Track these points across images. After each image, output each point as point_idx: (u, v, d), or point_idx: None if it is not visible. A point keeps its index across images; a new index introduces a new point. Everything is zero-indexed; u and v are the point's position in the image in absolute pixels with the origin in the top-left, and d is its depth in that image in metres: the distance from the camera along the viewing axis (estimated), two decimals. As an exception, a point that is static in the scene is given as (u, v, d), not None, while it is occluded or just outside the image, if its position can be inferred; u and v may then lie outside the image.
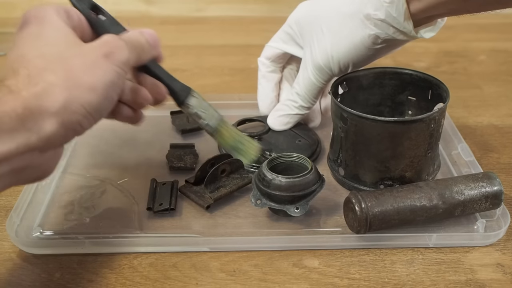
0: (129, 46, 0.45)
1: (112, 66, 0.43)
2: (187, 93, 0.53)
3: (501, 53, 0.97)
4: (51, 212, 0.56)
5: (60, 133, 0.40)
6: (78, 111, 0.41)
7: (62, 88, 0.40)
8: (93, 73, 0.42)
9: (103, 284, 0.49)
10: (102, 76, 0.42)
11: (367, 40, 0.56)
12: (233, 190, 0.58)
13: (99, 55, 0.43)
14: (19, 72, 0.40)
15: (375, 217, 0.51)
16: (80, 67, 0.42)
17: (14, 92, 0.39)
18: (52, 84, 0.40)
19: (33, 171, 0.42)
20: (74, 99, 0.41)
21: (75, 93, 0.41)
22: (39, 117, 0.39)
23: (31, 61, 0.41)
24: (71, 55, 0.42)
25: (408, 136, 0.55)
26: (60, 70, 0.41)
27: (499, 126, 0.73)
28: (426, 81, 0.62)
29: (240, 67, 0.90)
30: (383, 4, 0.54)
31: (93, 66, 0.42)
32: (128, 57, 0.45)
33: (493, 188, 0.54)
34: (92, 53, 0.43)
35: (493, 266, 0.51)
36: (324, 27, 0.59)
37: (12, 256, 0.52)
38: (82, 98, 0.41)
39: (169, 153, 0.65)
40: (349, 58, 0.58)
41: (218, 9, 1.15)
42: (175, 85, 0.53)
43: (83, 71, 0.41)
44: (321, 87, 0.62)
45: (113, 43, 0.44)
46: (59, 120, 0.40)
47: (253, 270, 0.50)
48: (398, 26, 0.54)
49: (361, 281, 0.49)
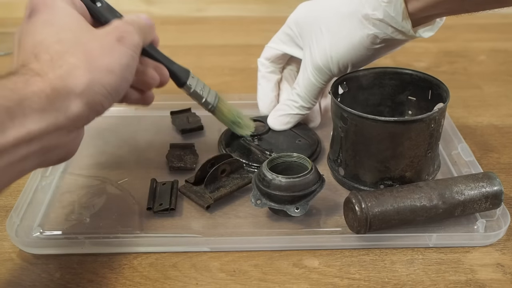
0: (137, 29, 0.48)
1: (126, 49, 0.45)
2: (187, 74, 0.56)
3: (501, 53, 0.96)
4: (51, 212, 0.56)
5: (85, 113, 0.43)
6: (100, 92, 0.43)
7: (84, 70, 0.42)
8: (110, 56, 0.44)
9: (103, 284, 0.49)
10: (119, 58, 0.44)
11: (366, 40, 0.56)
12: (233, 190, 0.58)
13: (113, 39, 0.45)
14: (41, 57, 0.42)
15: (375, 217, 0.51)
16: (98, 50, 0.44)
17: (40, 75, 0.41)
18: (75, 66, 0.42)
19: (59, 151, 0.44)
20: (96, 80, 0.43)
21: (96, 74, 0.43)
22: (66, 97, 0.41)
23: (51, 46, 0.43)
24: (87, 40, 0.44)
25: (408, 136, 0.55)
26: (80, 53, 0.43)
27: (499, 126, 0.73)
28: (426, 81, 0.62)
29: (240, 67, 0.90)
30: (381, 4, 0.54)
31: (110, 49, 0.44)
32: (138, 40, 0.47)
33: (493, 188, 0.54)
34: (106, 38, 0.45)
35: (493, 266, 0.51)
36: (323, 28, 0.59)
37: (12, 256, 0.52)
38: (103, 79, 0.43)
39: (169, 153, 0.65)
40: (348, 58, 0.58)
41: (218, 9, 1.15)
42: (175, 67, 0.55)
43: (101, 54, 0.44)
44: (321, 87, 0.62)
45: (123, 28, 0.46)
46: (83, 100, 0.42)
47: (253, 270, 0.50)
48: (396, 25, 0.54)
49: (361, 281, 0.49)
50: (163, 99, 0.73)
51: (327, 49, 0.59)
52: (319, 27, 0.59)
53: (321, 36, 0.59)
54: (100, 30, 0.46)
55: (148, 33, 0.50)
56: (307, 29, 0.61)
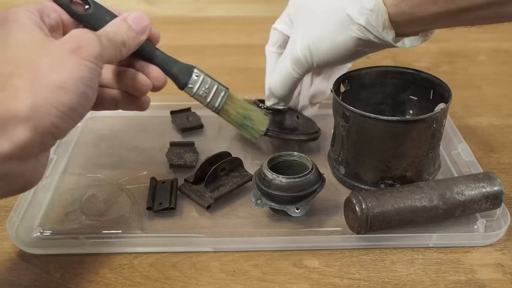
0: (104, 38, 0.44)
1: (81, 60, 0.41)
2: (188, 74, 0.52)
3: (501, 53, 0.97)
4: (51, 212, 0.56)
5: (35, 138, 0.39)
6: (50, 113, 0.39)
7: (28, 91, 0.38)
8: (60, 70, 0.40)
9: (103, 284, 0.49)
10: (71, 72, 0.40)
11: (349, 41, 0.55)
12: (233, 189, 0.58)
13: (66, 52, 0.41)
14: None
15: (376, 217, 0.51)
16: (47, 66, 0.40)
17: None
18: (18, 88, 0.38)
19: (15, 180, 0.40)
20: (43, 101, 0.38)
21: (42, 94, 0.39)
22: (9, 124, 0.37)
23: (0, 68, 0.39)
24: (38, 56, 0.40)
25: (410, 135, 0.54)
26: (26, 72, 0.39)
27: (499, 126, 0.73)
28: (428, 81, 0.62)
29: (240, 67, 0.90)
30: (365, 11, 0.52)
31: (60, 63, 0.40)
32: (100, 51, 0.42)
33: (494, 188, 0.53)
34: (59, 51, 0.41)
35: (493, 266, 0.51)
36: (310, 20, 0.57)
37: (12, 256, 0.52)
38: (51, 99, 0.39)
39: (169, 151, 0.65)
40: (329, 55, 0.57)
41: (219, 9, 1.15)
42: (172, 68, 0.51)
43: (49, 70, 0.39)
44: (297, 78, 0.60)
45: (81, 37, 0.42)
46: (31, 125, 0.38)
47: (253, 270, 0.50)
48: (377, 34, 0.53)
49: (361, 281, 0.49)
50: (163, 99, 0.73)
51: (310, 43, 0.57)
52: (307, 18, 0.58)
53: (306, 28, 0.58)
54: (55, 42, 0.42)
55: (131, 38, 0.47)
56: (297, 16, 0.60)
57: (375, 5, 0.51)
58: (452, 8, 0.49)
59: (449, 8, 0.49)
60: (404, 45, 0.55)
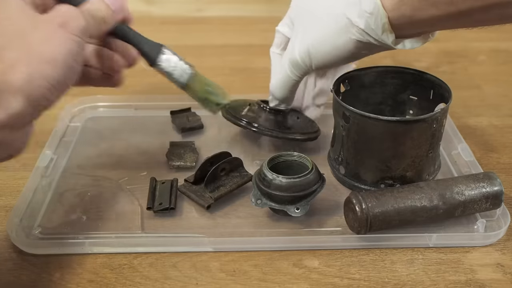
0: (86, 14, 0.46)
1: (69, 35, 0.43)
2: (157, 52, 0.54)
3: (501, 53, 0.96)
4: (51, 212, 0.56)
5: (27, 109, 0.40)
6: (42, 85, 0.41)
7: (24, 63, 0.40)
8: (51, 44, 0.42)
9: (103, 284, 0.49)
10: (60, 46, 0.42)
11: (349, 44, 0.54)
12: (233, 189, 0.58)
13: (54, 26, 0.43)
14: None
15: (376, 217, 0.51)
16: (38, 40, 0.41)
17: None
18: (14, 60, 0.40)
19: (5, 148, 0.42)
20: (36, 73, 0.40)
21: (36, 66, 0.41)
22: (5, 93, 0.39)
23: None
24: (28, 30, 0.42)
25: (410, 135, 0.54)
26: (20, 45, 0.41)
27: (499, 126, 0.73)
28: (429, 81, 0.62)
29: (240, 67, 0.89)
30: (364, 14, 0.52)
31: (50, 37, 0.42)
32: (85, 25, 0.45)
33: (494, 188, 0.53)
34: (47, 25, 0.43)
35: (493, 266, 0.51)
36: (309, 22, 0.57)
37: (12, 256, 0.52)
38: (43, 71, 0.41)
39: (169, 151, 0.65)
40: (328, 58, 0.57)
41: (218, 9, 1.15)
42: (144, 46, 0.54)
43: (41, 44, 0.41)
44: (295, 80, 0.61)
45: (67, 13, 0.44)
46: (24, 95, 0.40)
47: (253, 270, 0.50)
48: (376, 37, 0.52)
49: (361, 281, 0.49)
50: (163, 99, 0.74)
51: (309, 45, 0.57)
52: (307, 20, 0.58)
53: (306, 30, 0.57)
54: (43, 17, 0.44)
55: (109, 16, 0.49)
56: (297, 19, 0.60)
57: (374, 8, 0.51)
58: (453, 11, 0.49)
59: (449, 11, 0.49)
60: (405, 47, 0.55)
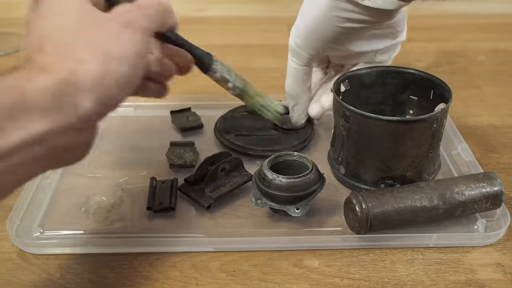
0: (147, 13, 0.44)
1: (135, 35, 0.42)
2: (209, 58, 0.53)
3: (501, 53, 0.97)
4: (51, 212, 0.56)
5: (97, 109, 0.39)
6: (112, 84, 0.39)
7: (93, 62, 0.39)
8: (118, 43, 0.41)
9: (103, 284, 0.49)
10: (127, 45, 0.41)
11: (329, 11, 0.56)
12: (233, 189, 0.58)
13: (120, 25, 0.41)
14: (45, 49, 0.39)
15: (376, 217, 0.51)
16: (106, 39, 0.40)
17: (45, 69, 0.37)
18: (82, 58, 0.39)
19: (71, 153, 0.41)
20: (107, 72, 0.39)
21: (106, 65, 0.39)
22: (74, 93, 0.38)
23: (55, 37, 0.40)
24: (94, 28, 0.41)
25: (411, 135, 0.54)
26: (87, 43, 0.40)
27: (499, 126, 0.73)
28: (429, 81, 0.62)
29: (240, 67, 0.88)
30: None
31: (118, 37, 0.41)
32: (148, 25, 0.43)
33: (494, 188, 0.53)
34: (113, 24, 0.41)
35: (493, 266, 0.51)
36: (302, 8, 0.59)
37: (12, 256, 0.52)
38: (114, 70, 0.40)
39: (169, 151, 0.65)
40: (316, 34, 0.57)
41: (218, 9, 1.15)
42: (197, 51, 0.52)
43: (108, 43, 0.40)
44: (302, 72, 0.62)
45: (131, 13, 0.43)
46: (94, 95, 0.38)
47: (253, 270, 0.50)
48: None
49: (361, 281, 0.49)
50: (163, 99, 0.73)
51: (297, 27, 0.59)
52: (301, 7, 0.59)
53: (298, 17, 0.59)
54: (106, 16, 0.42)
55: (165, 17, 0.47)
56: None
57: None
58: None
59: None
60: (375, 3, 0.55)
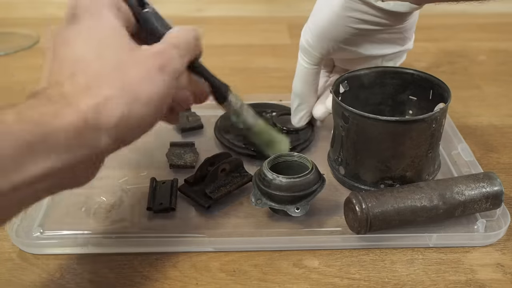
0: (181, 51, 0.44)
1: (166, 78, 0.42)
2: (226, 88, 0.53)
3: (501, 53, 0.97)
4: (51, 212, 0.56)
5: (114, 147, 0.40)
6: (134, 125, 0.40)
7: (120, 103, 0.39)
8: (149, 86, 0.40)
9: (103, 284, 0.49)
10: (158, 89, 0.41)
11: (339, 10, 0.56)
12: (233, 189, 0.58)
13: (154, 67, 0.41)
14: (77, 78, 0.39)
15: (376, 217, 0.51)
16: (137, 79, 0.40)
17: (72, 104, 0.37)
18: (111, 97, 0.38)
19: (78, 179, 0.41)
20: (131, 113, 0.39)
21: (132, 106, 0.39)
22: (96, 131, 0.38)
23: (89, 66, 0.39)
24: (128, 63, 0.40)
25: (410, 136, 0.55)
26: (118, 80, 0.39)
27: (499, 126, 0.73)
28: (428, 81, 0.62)
29: (240, 67, 0.90)
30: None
31: (149, 78, 0.41)
32: (181, 67, 0.44)
33: (494, 188, 0.53)
34: (147, 64, 0.41)
35: (493, 266, 0.51)
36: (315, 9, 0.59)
37: (12, 256, 0.52)
38: (138, 112, 0.40)
39: (169, 151, 0.65)
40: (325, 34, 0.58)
41: (218, 9, 1.15)
42: (216, 81, 0.52)
43: (139, 84, 0.40)
44: (307, 68, 0.62)
45: (167, 54, 0.43)
46: (114, 134, 0.39)
47: (253, 270, 0.50)
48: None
49: (361, 281, 0.49)
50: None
51: (309, 26, 0.59)
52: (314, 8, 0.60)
53: (310, 17, 0.59)
54: (143, 53, 0.42)
55: (194, 50, 0.47)
56: None
57: None
58: None
59: None
60: (389, 5, 0.55)
